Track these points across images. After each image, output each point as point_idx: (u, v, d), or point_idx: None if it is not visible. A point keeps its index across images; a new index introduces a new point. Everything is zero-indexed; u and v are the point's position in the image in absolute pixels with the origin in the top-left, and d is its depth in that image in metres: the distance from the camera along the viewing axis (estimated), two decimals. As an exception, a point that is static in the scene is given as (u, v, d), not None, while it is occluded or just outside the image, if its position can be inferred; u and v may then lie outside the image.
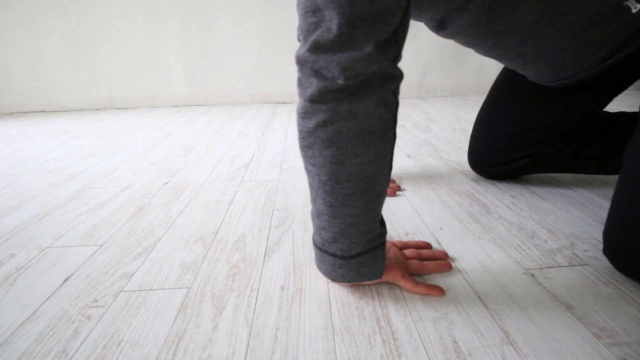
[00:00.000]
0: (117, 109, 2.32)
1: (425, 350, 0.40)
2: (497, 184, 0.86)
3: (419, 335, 0.41)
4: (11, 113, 2.28)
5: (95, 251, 0.62)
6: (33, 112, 2.29)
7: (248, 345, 0.41)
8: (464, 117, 1.68)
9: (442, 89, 2.39)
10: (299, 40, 0.40)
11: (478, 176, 0.92)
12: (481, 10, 0.55)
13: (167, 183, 0.93)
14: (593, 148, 0.77)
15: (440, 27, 0.63)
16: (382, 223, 0.48)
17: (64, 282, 0.53)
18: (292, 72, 2.31)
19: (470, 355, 0.39)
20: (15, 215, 0.77)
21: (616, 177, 0.85)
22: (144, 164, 1.10)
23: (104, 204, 0.81)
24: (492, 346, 0.40)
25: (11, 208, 0.81)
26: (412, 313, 0.45)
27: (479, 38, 0.62)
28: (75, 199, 0.85)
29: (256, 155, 1.16)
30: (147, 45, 2.22)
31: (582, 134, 0.76)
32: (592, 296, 0.47)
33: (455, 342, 0.40)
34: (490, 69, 2.35)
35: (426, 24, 0.65)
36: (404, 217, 0.71)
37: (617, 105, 1.80)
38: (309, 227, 0.68)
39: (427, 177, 0.92)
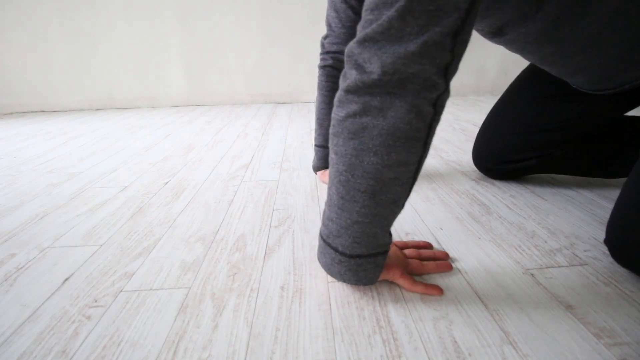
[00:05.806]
0: (117, 109, 2.32)
1: (425, 350, 0.40)
2: (497, 184, 0.86)
3: (419, 335, 0.41)
4: (11, 113, 2.28)
5: (95, 251, 0.62)
6: (33, 112, 2.29)
7: (248, 345, 0.41)
8: (464, 117, 1.68)
9: (442, 89, 2.38)
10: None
11: (478, 176, 0.92)
12: (548, 19, 0.54)
13: (167, 183, 0.93)
14: (597, 151, 0.76)
15: (497, 33, 0.61)
16: (389, 232, 0.48)
17: (64, 282, 0.53)
18: (292, 72, 2.31)
19: (470, 355, 0.39)
20: (15, 215, 0.77)
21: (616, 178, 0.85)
22: (144, 164, 1.10)
23: (104, 204, 0.81)
24: (492, 346, 0.40)
25: (11, 208, 0.81)
26: (412, 313, 0.45)
27: (537, 46, 0.61)
28: (75, 199, 0.85)
29: (256, 155, 1.16)
30: (147, 45, 2.22)
31: (587, 138, 0.76)
32: (592, 296, 0.47)
33: (455, 342, 0.40)
34: (490, 69, 2.35)
35: (479, 30, 0.64)
36: (404, 217, 0.71)
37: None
38: (309, 227, 0.68)
39: (427, 177, 0.92)
